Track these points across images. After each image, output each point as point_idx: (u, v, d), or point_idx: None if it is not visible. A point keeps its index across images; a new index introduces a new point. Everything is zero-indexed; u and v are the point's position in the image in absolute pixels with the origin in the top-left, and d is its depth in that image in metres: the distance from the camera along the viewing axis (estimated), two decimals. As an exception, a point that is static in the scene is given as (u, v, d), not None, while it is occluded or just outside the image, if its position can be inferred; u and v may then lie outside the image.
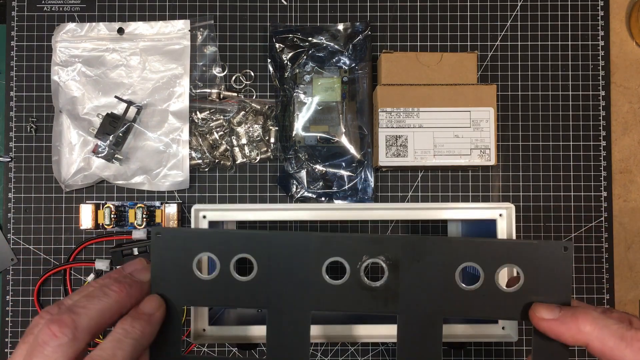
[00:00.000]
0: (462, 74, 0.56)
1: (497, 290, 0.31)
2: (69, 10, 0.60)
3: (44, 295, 0.58)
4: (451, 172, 0.59)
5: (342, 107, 0.58)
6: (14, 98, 0.59)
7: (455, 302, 0.31)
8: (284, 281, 0.32)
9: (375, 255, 0.31)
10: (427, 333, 0.32)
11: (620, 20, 0.61)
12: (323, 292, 0.32)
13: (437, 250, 0.31)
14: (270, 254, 0.32)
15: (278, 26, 0.59)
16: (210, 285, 0.32)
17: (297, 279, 0.32)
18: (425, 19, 0.60)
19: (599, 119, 0.60)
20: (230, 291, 0.32)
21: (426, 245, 0.31)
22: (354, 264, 0.32)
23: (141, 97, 0.58)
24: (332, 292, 0.32)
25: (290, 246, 0.32)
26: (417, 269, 0.31)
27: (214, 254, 0.32)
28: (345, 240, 0.32)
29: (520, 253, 0.31)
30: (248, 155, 0.59)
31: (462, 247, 0.31)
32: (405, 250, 0.31)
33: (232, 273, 0.32)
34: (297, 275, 0.32)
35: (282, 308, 0.32)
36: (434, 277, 0.31)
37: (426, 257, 0.31)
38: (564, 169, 0.60)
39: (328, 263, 0.32)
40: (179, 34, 0.59)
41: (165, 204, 0.57)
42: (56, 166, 0.58)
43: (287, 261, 0.32)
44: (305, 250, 0.32)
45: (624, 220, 0.60)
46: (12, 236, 0.59)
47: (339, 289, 0.32)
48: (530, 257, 0.31)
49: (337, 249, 0.32)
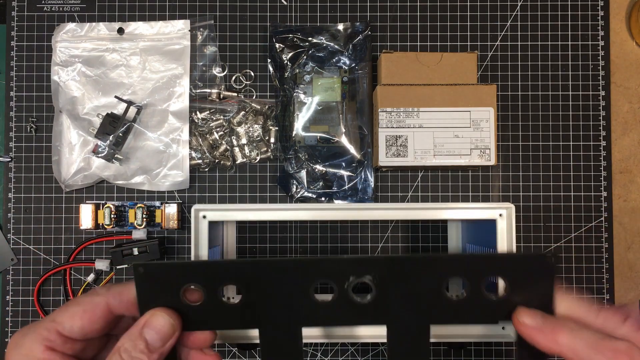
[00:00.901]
0: (462, 74, 0.56)
1: (484, 299, 0.32)
2: (69, 10, 0.60)
3: (44, 295, 0.58)
4: (451, 172, 0.59)
5: (342, 107, 0.58)
6: (14, 98, 0.59)
7: (442, 312, 0.32)
8: (273, 303, 0.32)
9: (362, 275, 0.32)
10: (415, 340, 0.33)
11: (620, 20, 0.61)
12: (312, 309, 0.32)
13: (422, 268, 0.32)
14: (257, 281, 0.32)
15: (278, 26, 0.59)
16: (199, 310, 0.32)
17: (286, 301, 0.32)
18: (425, 19, 0.60)
19: (599, 119, 0.60)
20: (220, 315, 0.32)
21: (411, 264, 0.32)
22: (341, 284, 0.32)
23: (141, 97, 0.58)
24: (322, 309, 0.32)
25: (277, 273, 0.32)
26: (403, 285, 0.32)
27: (200, 284, 0.31)
28: (331, 264, 0.32)
29: (504, 265, 0.32)
30: (248, 155, 0.59)
31: (447, 264, 0.32)
32: (391, 270, 0.32)
33: (219, 299, 0.32)
34: (285, 297, 0.32)
35: (272, 327, 0.32)
36: (421, 291, 0.32)
37: (411, 276, 0.32)
38: (564, 169, 0.60)
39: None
40: (179, 34, 0.59)
41: (165, 204, 0.57)
42: (56, 166, 0.58)
43: (274, 286, 0.32)
44: (292, 276, 0.32)
45: (624, 220, 0.60)
46: (12, 236, 0.59)
47: (328, 306, 0.32)
48: (514, 268, 0.31)
49: (324, 271, 0.32)
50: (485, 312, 0.32)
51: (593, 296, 0.59)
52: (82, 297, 0.30)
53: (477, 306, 0.32)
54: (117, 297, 0.30)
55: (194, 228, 0.44)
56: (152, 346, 0.29)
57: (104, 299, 0.30)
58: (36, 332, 0.29)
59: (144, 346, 0.29)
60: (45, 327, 0.29)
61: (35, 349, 0.28)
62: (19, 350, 0.28)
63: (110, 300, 0.30)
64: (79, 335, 0.29)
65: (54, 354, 0.28)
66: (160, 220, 0.57)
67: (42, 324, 0.29)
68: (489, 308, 0.32)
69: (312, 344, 0.58)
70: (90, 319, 0.29)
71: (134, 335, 0.29)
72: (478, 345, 0.58)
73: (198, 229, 0.45)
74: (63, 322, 0.29)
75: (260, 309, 0.32)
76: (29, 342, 0.28)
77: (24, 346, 0.28)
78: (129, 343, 0.29)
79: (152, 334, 0.29)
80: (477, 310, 0.32)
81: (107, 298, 0.30)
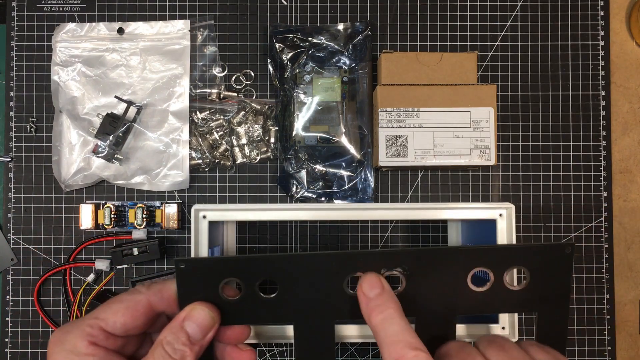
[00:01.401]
0: (462, 74, 0.56)
1: (505, 289, 0.33)
2: (69, 10, 0.60)
3: (44, 295, 0.58)
4: (451, 172, 0.59)
5: (342, 107, 0.58)
6: (14, 98, 0.59)
7: (467, 302, 0.34)
8: (306, 297, 0.33)
9: (392, 267, 0.33)
10: (442, 330, 0.34)
11: (620, 20, 0.61)
12: (344, 303, 0.33)
13: (449, 258, 0.33)
14: (292, 275, 0.33)
15: (278, 26, 0.59)
16: (236, 305, 0.33)
17: (319, 295, 0.33)
18: (425, 19, 0.60)
19: (599, 119, 0.60)
20: (256, 309, 0.33)
21: (439, 255, 0.33)
22: None
23: (141, 97, 0.58)
24: (353, 303, 0.33)
25: (312, 266, 0.33)
26: (431, 276, 0.33)
27: (238, 278, 0.32)
28: (364, 257, 0.33)
29: (527, 256, 0.33)
30: (248, 155, 0.59)
31: (473, 255, 0.33)
32: (419, 262, 0.33)
33: (256, 293, 0.33)
34: (318, 292, 0.33)
35: (306, 322, 0.33)
36: (447, 282, 0.33)
37: (439, 266, 0.33)
38: (564, 169, 0.60)
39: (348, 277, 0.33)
40: (179, 34, 0.59)
41: (165, 204, 0.57)
42: (56, 166, 0.58)
43: (308, 280, 0.33)
44: (327, 269, 0.33)
45: (624, 220, 0.60)
46: (12, 236, 0.59)
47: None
48: (536, 259, 0.33)
49: (357, 265, 0.33)
50: (508, 302, 0.34)
51: (593, 296, 0.59)
52: (124, 295, 0.31)
53: (500, 296, 0.33)
54: (157, 295, 0.31)
55: (194, 228, 0.44)
56: (193, 338, 0.30)
57: (146, 296, 0.31)
58: (79, 328, 0.30)
59: (186, 338, 0.30)
60: (88, 324, 0.30)
61: (79, 344, 0.29)
62: (63, 346, 0.29)
63: (151, 297, 0.31)
64: (121, 331, 0.30)
65: (97, 349, 0.29)
66: (160, 220, 0.57)
67: (85, 321, 0.30)
68: (511, 298, 0.34)
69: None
70: (132, 315, 0.30)
71: (176, 328, 0.30)
72: (478, 345, 0.58)
73: (198, 229, 0.45)
74: (106, 318, 0.30)
75: (295, 303, 0.33)
76: (72, 338, 0.29)
77: (68, 342, 0.29)
78: (171, 336, 0.30)
79: (194, 326, 0.30)
80: (499, 301, 0.34)
81: (149, 295, 0.31)
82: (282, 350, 0.58)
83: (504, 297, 0.33)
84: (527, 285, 0.33)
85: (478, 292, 0.33)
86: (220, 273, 0.32)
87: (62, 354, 0.29)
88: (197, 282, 0.32)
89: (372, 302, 0.31)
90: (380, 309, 0.30)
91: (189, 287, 0.32)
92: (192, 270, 0.32)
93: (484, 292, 0.33)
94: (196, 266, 0.32)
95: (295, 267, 0.33)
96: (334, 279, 0.33)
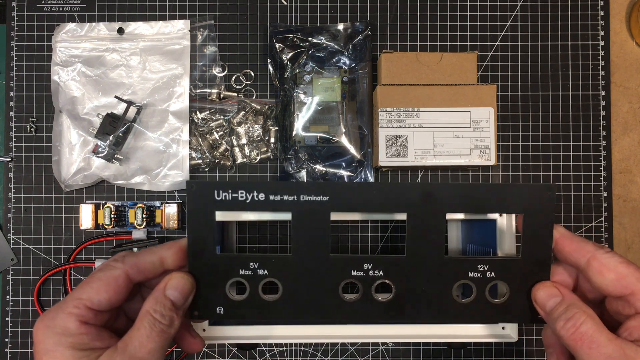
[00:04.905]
0: (462, 74, 0.56)
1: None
2: (69, 10, 0.60)
3: (44, 295, 0.58)
4: (451, 172, 0.59)
5: (342, 107, 0.58)
6: (14, 98, 0.59)
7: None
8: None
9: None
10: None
11: (620, 20, 0.61)
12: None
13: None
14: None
15: (278, 26, 0.59)
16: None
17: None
18: (425, 19, 0.60)
19: (599, 119, 0.60)
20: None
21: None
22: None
23: (141, 97, 0.58)
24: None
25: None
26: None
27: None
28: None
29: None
30: (248, 155, 0.59)
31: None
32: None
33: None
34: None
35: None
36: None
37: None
38: (564, 169, 0.60)
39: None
40: (179, 34, 0.59)
41: (165, 204, 0.57)
42: (56, 166, 0.58)
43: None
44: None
45: (624, 220, 0.60)
46: (12, 236, 0.59)
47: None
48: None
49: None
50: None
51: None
52: (101, 273, 0.32)
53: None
54: (134, 268, 0.33)
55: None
56: (177, 304, 0.33)
57: (122, 270, 0.32)
58: (66, 310, 0.30)
59: (171, 304, 0.32)
60: (74, 305, 0.31)
61: (69, 325, 0.30)
62: (53, 330, 0.30)
63: (128, 271, 0.32)
64: (106, 306, 0.31)
65: (89, 327, 0.31)
66: (160, 220, 0.57)
67: (69, 303, 0.31)
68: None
69: (312, 344, 0.58)
70: (115, 290, 0.32)
71: (160, 296, 0.32)
72: (478, 345, 0.58)
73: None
74: (91, 297, 0.31)
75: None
76: (61, 321, 0.30)
77: (57, 325, 0.30)
78: (157, 305, 0.32)
79: (175, 293, 0.33)
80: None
81: (125, 270, 0.32)
82: (282, 350, 0.58)
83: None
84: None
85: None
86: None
87: (54, 338, 0.29)
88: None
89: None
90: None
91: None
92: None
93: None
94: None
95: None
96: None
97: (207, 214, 0.34)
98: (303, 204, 0.34)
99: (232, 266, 0.35)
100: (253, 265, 0.35)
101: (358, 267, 0.35)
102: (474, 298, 0.35)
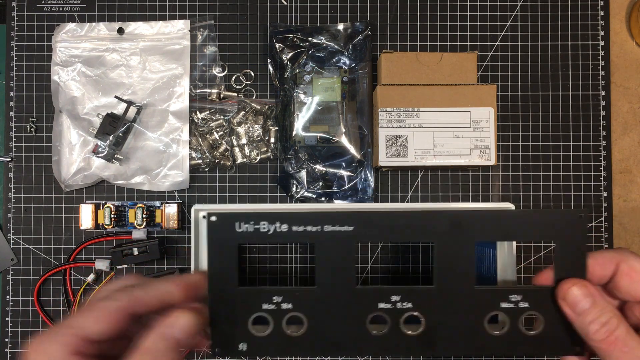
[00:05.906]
0: (462, 74, 0.56)
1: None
2: (69, 10, 0.60)
3: (44, 295, 0.58)
4: (451, 172, 0.59)
5: (342, 107, 0.58)
6: (14, 98, 0.59)
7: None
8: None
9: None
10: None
11: (620, 20, 0.61)
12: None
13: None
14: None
15: (278, 26, 0.59)
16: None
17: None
18: (425, 19, 0.60)
19: (599, 119, 0.60)
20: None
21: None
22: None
23: (141, 97, 0.58)
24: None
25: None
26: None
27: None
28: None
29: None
30: (248, 155, 0.59)
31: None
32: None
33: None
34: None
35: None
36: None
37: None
38: (564, 169, 0.60)
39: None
40: (179, 34, 0.59)
41: (165, 204, 0.57)
42: (56, 166, 0.58)
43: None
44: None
45: (624, 220, 0.60)
46: (12, 236, 0.59)
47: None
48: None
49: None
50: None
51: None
52: (102, 303, 0.31)
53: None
54: (138, 302, 0.31)
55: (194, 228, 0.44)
56: (180, 344, 0.31)
57: (125, 304, 0.31)
58: (60, 339, 0.29)
59: (174, 344, 0.30)
60: (68, 333, 0.30)
61: (62, 355, 0.29)
62: (47, 356, 0.29)
63: (132, 304, 0.31)
64: (104, 337, 0.30)
65: (81, 357, 0.29)
66: (160, 220, 0.57)
67: (64, 330, 0.30)
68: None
69: None
70: (115, 323, 0.30)
71: (164, 334, 0.31)
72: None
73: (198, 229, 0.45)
74: (86, 327, 0.30)
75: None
76: (54, 349, 0.29)
77: (50, 352, 0.29)
78: (159, 343, 0.30)
79: (181, 334, 0.31)
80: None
81: (129, 303, 0.31)
82: (282, 350, 0.58)
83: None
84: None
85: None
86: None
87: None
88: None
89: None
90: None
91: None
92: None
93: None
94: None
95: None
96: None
97: (228, 248, 0.33)
98: (327, 234, 0.33)
99: (255, 300, 0.34)
100: (277, 299, 0.34)
101: (385, 299, 0.34)
102: (507, 330, 0.34)
